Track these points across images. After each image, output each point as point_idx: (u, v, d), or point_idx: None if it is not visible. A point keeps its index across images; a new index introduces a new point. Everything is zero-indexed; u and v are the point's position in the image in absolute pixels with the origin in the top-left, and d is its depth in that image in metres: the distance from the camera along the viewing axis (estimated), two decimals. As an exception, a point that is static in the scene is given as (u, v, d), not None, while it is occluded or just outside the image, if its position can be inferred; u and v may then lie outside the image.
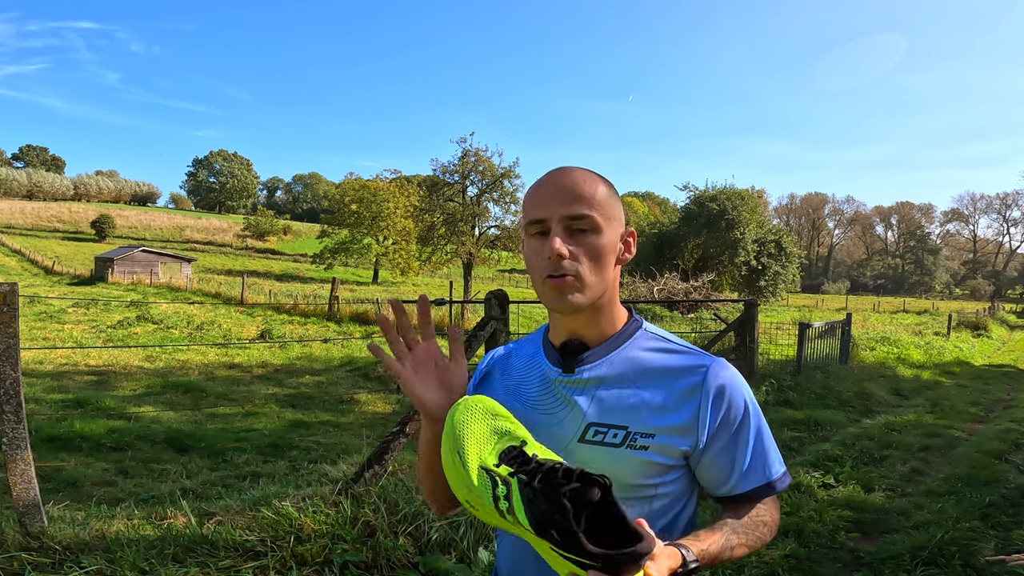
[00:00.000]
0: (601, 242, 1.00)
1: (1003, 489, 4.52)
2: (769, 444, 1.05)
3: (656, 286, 22.12)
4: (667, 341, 1.08)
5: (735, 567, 3.31)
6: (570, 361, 1.06)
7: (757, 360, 8.96)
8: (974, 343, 19.88)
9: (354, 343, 14.69)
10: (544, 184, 1.03)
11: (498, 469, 0.77)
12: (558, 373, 1.07)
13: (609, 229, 1.02)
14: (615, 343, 1.06)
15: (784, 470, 1.07)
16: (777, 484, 1.04)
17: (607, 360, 1.05)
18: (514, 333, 10.50)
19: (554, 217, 0.99)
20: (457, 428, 0.83)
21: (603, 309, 1.05)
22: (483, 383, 1.20)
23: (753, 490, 1.03)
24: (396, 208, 44.25)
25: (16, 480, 2.70)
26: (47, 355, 11.59)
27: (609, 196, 1.03)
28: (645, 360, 1.05)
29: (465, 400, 0.89)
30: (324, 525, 2.97)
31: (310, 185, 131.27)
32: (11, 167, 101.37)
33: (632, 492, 1.00)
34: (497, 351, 1.24)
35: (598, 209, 1.00)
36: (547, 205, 1.00)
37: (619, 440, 0.99)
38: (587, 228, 1.00)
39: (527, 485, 0.74)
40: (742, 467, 1.02)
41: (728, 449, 1.02)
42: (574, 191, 0.99)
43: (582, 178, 1.01)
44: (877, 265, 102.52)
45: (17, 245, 53.05)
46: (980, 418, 7.89)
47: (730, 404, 1.01)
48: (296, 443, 6.50)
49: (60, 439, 6.22)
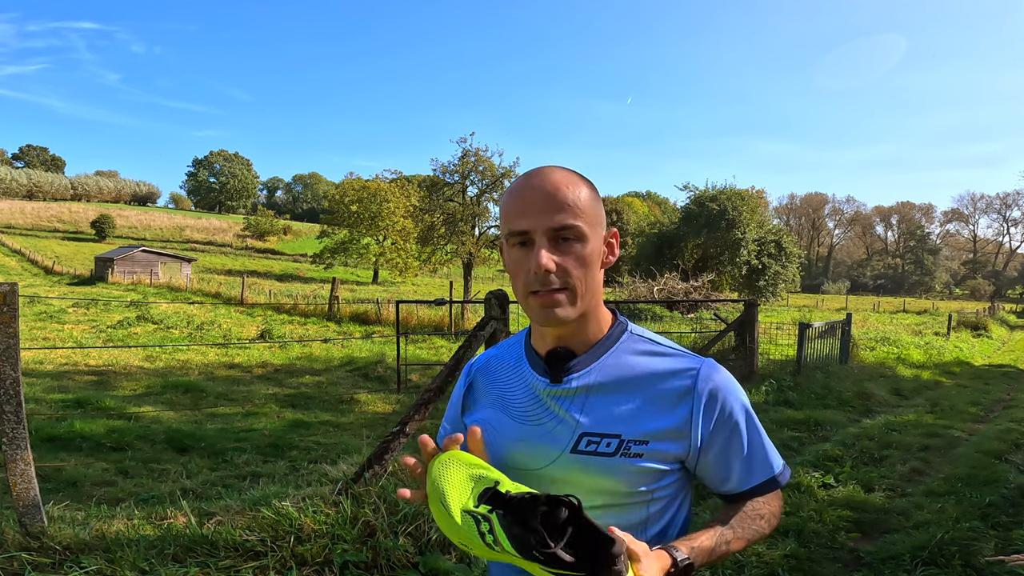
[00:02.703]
0: (587, 251, 0.97)
1: (1003, 489, 4.52)
2: (766, 440, 1.05)
3: (656, 286, 22.12)
4: (654, 343, 1.06)
5: (735, 567, 3.31)
6: (557, 371, 1.03)
7: (757, 360, 8.96)
8: (974, 343, 19.88)
9: (354, 343, 14.69)
10: (524, 191, 0.97)
11: (478, 509, 0.85)
12: (546, 384, 1.04)
13: (594, 236, 0.98)
14: (602, 349, 1.04)
15: (783, 463, 1.08)
16: (780, 479, 1.05)
17: (595, 367, 1.02)
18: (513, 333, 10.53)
19: (538, 229, 0.95)
20: (437, 482, 0.90)
21: (589, 315, 1.02)
22: (468, 396, 1.17)
23: (756, 486, 1.04)
24: (396, 208, 44.26)
25: (16, 480, 2.70)
26: (47, 355, 11.59)
27: (592, 199, 0.99)
28: (634, 365, 1.03)
29: (439, 457, 0.93)
30: (324, 525, 2.97)
31: (310, 185, 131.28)
32: (11, 167, 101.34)
33: (629, 499, 0.99)
34: (475, 361, 1.21)
35: (583, 216, 0.96)
36: (530, 215, 0.95)
37: (613, 449, 0.98)
38: (572, 237, 0.96)
39: (504, 517, 0.82)
40: (743, 466, 1.03)
41: (726, 450, 1.02)
42: (557, 199, 0.95)
43: (564, 182, 0.96)
44: (877, 265, 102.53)
45: (17, 245, 53.07)
46: (980, 418, 7.89)
47: (723, 405, 1.01)
48: (296, 443, 6.50)
49: (60, 439, 6.21)
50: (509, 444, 1.05)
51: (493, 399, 1.11)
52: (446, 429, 1.23)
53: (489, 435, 1.07)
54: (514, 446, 1.05)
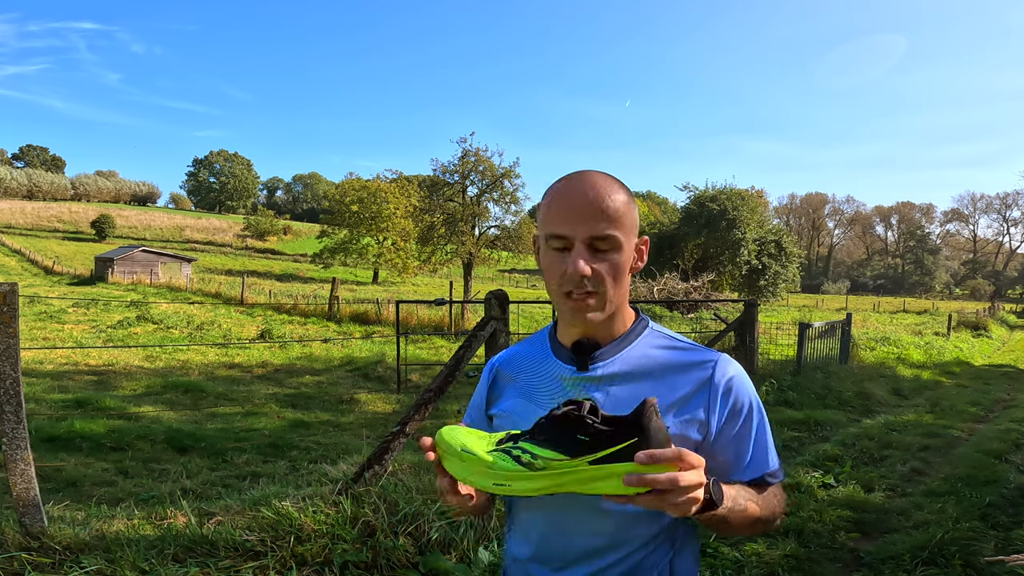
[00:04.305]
0: (621, 259, 1.03)
1: (1003, 489, 4.52)
2: (769, 437, 1.10)
3: (656, 286, 22.11)
4: (673, 339, 1.12)
5: (735, 567, 3.31)
6: (584, 359, 1.09)
7: (757, 360, 8.95)
8: (974, 343, 19.88)
9: (354, 343, 14.69)
10: (566, 195, 1.02)
11: (506, 444, 0.86)
12: (572, 371, 1.10)
13: (628, 244, 1.04)
14: (625, 341, 1.10)
15: (780, 462, 1.12)
16: (778, 473, 1.10)
17: (619, 357, 1.08)
18: (514, 333, 10.47)
19: (578, 236, 1.00)
20: (452, 442, 0.90)
21: (615, 313, 1.08)
22: (492, 391, 1.23)
23: (756, 479, 1.07)
24: (396, 208, 44.25)
25: (16, 480, 2.70)
26: (47, 355, 11.59)
27: (629, 206, 1.04)
28: (655, 356, 1.09)
29: (440, 431, 0.94)
30: (324, 525, 2.97)
31: (310, 185, 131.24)
32: (11, 167, 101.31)
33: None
34: (496, 358, 1.26)
35: (620, 226, 1.01)
36: (571, 222, 1.00)
37: None
38: (609, 247, 1.01)
39: (534, 434, 0.84)
40: (746, 457, 1.07)
41: (735, 440, 1.06)
42: (598, 207, 0.99)
43: (605, 191, 1.01)
44: (877, 265, 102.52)
45: (17, 245, 53.05)
46: (980, 418, 7.89)
47: (737, 397, 1.06)
48: (296, 443, 6.50)
49: (60, 439, 6.21)
50: None
51: (519, 390, 1.16)
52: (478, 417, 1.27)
53: (514, 424, 1.11)
54: None
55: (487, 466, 0.84)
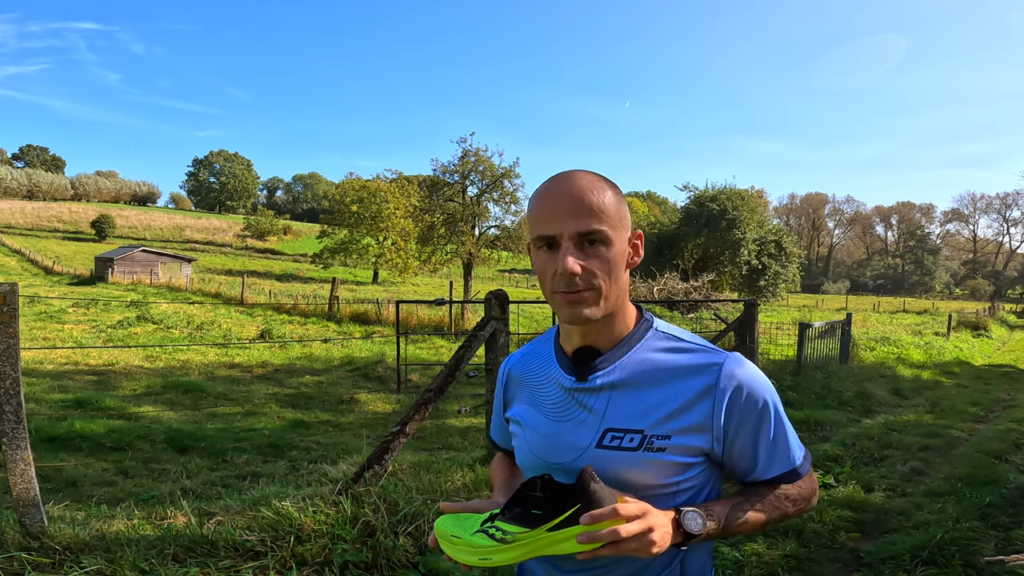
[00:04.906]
0: (612, 253, 1.00)
1: (1003, 489, 4.52)
2: (789, 431, 1.07)
3: (656, 286, 22.12)
4: (678, 340, 1.08)
5: (735, 567, 3.31)
6: (583, 369, 1.07)
7: (757, 360, 8.95)
8: (974, 343, 19.88)
9: (354, 343, 14.69)
10: (550, 195, 1.01)
11: (484, 526, 1.00)
12: (572, 382, 1.08)
13: (619, 239, 1.01)
14: (626, 347, 1.07)
15: (804, 452, 1.10)
16: (800, 470, 1.07)
17: (619, 365, 1.06)
18: (514, 333, 10.47)
19: (564, 233, 0.98)
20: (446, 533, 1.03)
21: (615, 314, 1.06)
22: (506, 393, 1.26)
23: (777, 476, 1.06)
24: (396, 208, 44.23)
25: (16, 480, 2.70)
26: (47, 355, 11.58)
27: (617, 202, 1.02)
28: (657, 362, 1.05)
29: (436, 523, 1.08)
30: (324, 525, 2.97)
31: (310, 185, 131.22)
32: (11, 167, 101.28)
33: (654, 491, 1.02)
34: (508, 360, 1.27)
35: (608, 220, 0.99)
36: (556, 220, 0.99)
37: (636, 444, 1.02)
38: (598, 241, 0.99)
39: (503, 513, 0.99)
40: (765, 457, 1.05)
41: (751, 442, 1.04)
42: (583, 203, 0.98)
43: (590, 187, 0.99)
44: (877, 265, 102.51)
45: (17, 245, 53.04)
46: (980, 418, 7.89)
47: (747, 399, 1.02)
48: (296, 443, 6.50)
49: (60, 439, 6.21)
50: (540, 439, 1.12)
51: (526, 396, 1.18)
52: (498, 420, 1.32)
53: (522, 430, 1.16)
54: (545, 441, 1.11)
55: (471, 546, 0.97)
